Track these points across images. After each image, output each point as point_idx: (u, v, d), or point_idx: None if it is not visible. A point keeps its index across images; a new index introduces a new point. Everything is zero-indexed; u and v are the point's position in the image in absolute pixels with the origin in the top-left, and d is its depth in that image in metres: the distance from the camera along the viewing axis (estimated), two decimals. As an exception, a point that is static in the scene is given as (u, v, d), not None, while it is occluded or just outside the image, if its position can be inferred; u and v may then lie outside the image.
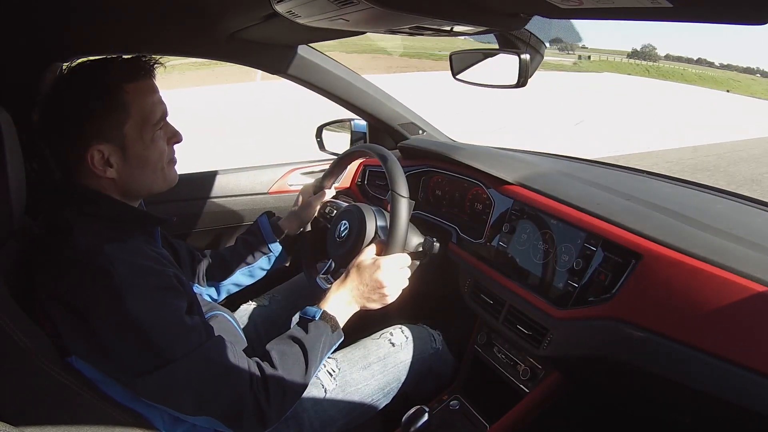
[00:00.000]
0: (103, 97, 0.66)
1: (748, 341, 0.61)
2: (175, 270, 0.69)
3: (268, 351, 0.72)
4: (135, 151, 0.69)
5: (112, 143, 0.67)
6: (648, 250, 0.71)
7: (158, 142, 0.72)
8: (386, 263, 0.81)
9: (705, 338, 0.63)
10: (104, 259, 0.59)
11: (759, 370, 0.58)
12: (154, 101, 0.70)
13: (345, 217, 1.00)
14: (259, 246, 1.04)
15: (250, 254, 1.03)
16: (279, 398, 0.67)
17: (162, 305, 0.62)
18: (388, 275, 0.80)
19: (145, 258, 0.64)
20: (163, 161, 0.73)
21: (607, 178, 1.05)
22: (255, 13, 0.82)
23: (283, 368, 0.69)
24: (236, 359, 0.66)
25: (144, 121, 0.69)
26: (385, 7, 0.56)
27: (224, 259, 1.03)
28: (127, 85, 0.67)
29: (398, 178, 0.87)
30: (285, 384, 0.68)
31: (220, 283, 1.02)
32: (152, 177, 0.72)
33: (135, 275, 0.61)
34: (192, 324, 0.64)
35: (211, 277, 1.01)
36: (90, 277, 0.59)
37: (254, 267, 1.04)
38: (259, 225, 1.06)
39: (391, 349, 0.95)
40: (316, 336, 0.74)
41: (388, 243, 0.84)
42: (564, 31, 45.53)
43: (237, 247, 1.05)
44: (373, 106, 1.36)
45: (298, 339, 0.73)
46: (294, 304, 1.08)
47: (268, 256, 1.05)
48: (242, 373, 0.65)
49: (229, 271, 1.02)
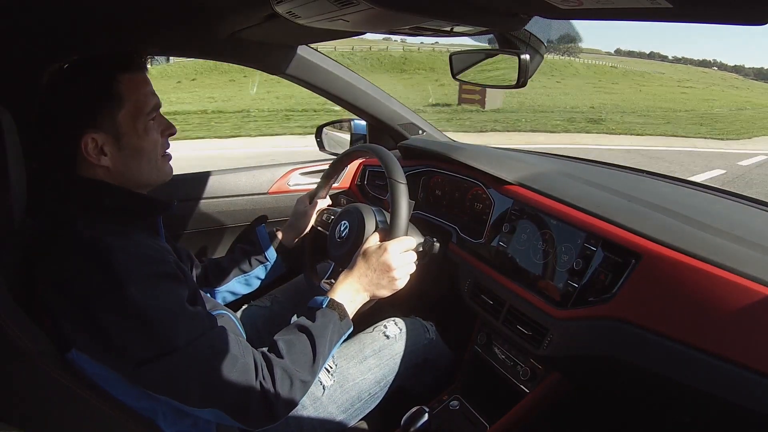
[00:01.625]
0: (96, 86, 0.67)
1: (748, 341, 0.61)
2: (177, 260, 0.69)
3: (275, 341, 0.70)
4: (129, 141, 0.70)
5: (106, 132, 0.68)
6: (648, 250, 0.71)
7: (152, 132, 0.72)
8: (392, 246, 0.80)
9: (705, 338, 0.63)
10: (104, 248, 0.60)
11: (759, 369, 0.58)
12: (146, 92, 0.72)
13: (345, 218, 1.00)
14: (256, 254, 1.04)
15: (246, 262, 1.04)
16: (287, 389, 0.65)
17: (163, 292, 0.62)
18: (395, 258, 0.79)
19: (146, 248, 0.64)
20: (157, 153, 0.74)
21: (607, 178, 1.05)
22: (255, 14, 0.82)
23: (290, 358, 0.67)
24: (242, 349, 0.65)
25: (137, 110, 0.70)
26: (385, 8, 0.56)
27: (221, 266, 1.03)
28: (120, 75, 0.69)
29: (393, 165, 0.87)
30: (292, 374, 0.66)
31: (215, 290, 1.01)
32: (147, 167, 0.73)
33: (135, 263, 0.61)
34: (194, 312, 0.64)
35: (206, 283, 1.01)
36: (91, 266, 0.59)
37: (250, 276, 1.04)
38: (257, 234, 1.07)
39: (386, 341, 0.95)
40: (323, 324, 0.72)
41: (391, 228, 0.83)
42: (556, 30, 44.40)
43: (234, 255, 1.05)
44: (373, 106, 1.36)
45: (305, 328, 0.71)
46: (295, 304, 1.08)
47: (264, 265, 1.05)
48: (248, 363, 0.64)
49: (224, 278, 1.02)
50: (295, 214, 1.11)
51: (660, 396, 0.74)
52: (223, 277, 1.02)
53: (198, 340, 0.61)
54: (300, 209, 1.11)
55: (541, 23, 0.69)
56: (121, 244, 0.61)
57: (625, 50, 72.46)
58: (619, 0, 0.42)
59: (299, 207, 1.11)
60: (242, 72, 16.67)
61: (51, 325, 0.60)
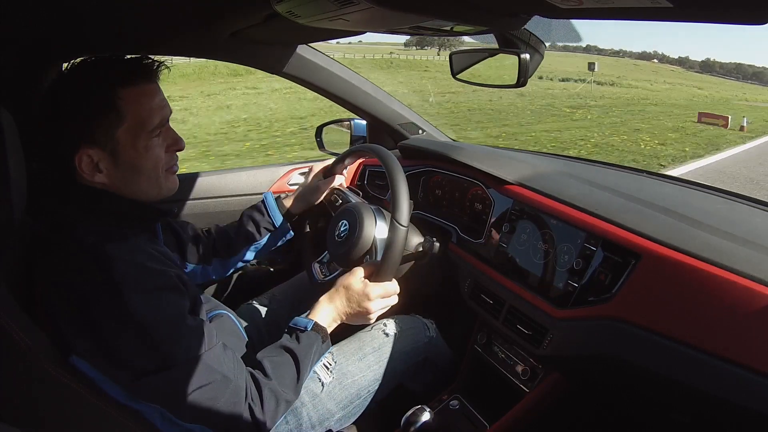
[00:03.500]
0: (94, 100, 0.64)
1: (748, 340, 0.61)
2: (177, 270, 0.69)
3: (260, 360, 0.72)
4: (127, 158, 0.67)
5: (102, 148, 0.65)
6: (647, 250, 0.71)
7: (154, 150, 0.69)
8: (375, 292, 0.82)
9: (705, 338, 0.63)
10: (106, 257, 0.59)
11: (758, 369, 0.58)
12: (152, 107, 0.68)
13: (344, 217, 1.00)
14: (265, 223, 1.05)
15: (255, 231, 1.04)
16: (272, 408, 0.68)
17: (163, 305, 0.62)
18: (374, 303, 0.82)
19: (147, 257, 0.64)
20: (159, 170, 0.71)
21: (607, 178, 1.05)
22: (255, 13, 0.82)
23: (276, 378, 0.70)
24: (235, 368, 0.67)
25: (139, 127, 0.67)
26: (385, 7, 0.56)
27: (228, 235, 1.04)
28: (122, 90, 0.65)
29: (402, 204, 0.85)
30: (278, 394, 0.69)
31: (225, 260, 1.03)
32: (146, 185, 0.70)
33: (136, 274, 0.61)
34: (194, 326, 0.65)
35: (215, 253, 1.02)
36: (91, 275, 0.59)
37: (259, 244, 1.05)
38: (265, 201, 1.07)
39: (386, 340, 0.95)
40: (307, 345, 0.76)
41: (380, 269, 0.84)
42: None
43: (242, 224, 1.05)
44: (373, 105, 1.36)
45: (290, 349, 0.74)
46: (294, 303, 1.08)
47: (273, 234, 1.06)
48: (240, 386, 0.66)
49: (233, 247, 1.03)
50: (306, 185, 1.11)
51: (660, 396, 0.74)
52: (232, 247, 1.03)
53: (196, 358, 0.62)
54: (312, 182, 1.10)
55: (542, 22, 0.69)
56: (122, 253, 0.61)
57: (560, 45, 67.73)
58: (619, 0, 0.42)
59: (312, 180, 1.11)
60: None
61: (51, 327, 0.60)
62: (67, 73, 0.68)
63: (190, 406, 0.62)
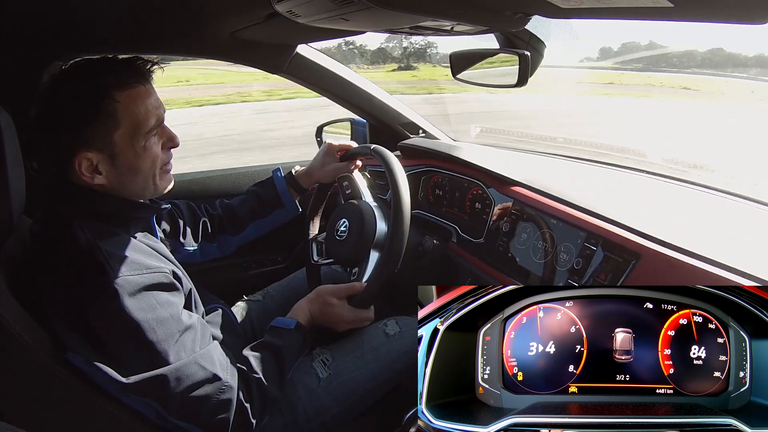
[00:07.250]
0: (91, 105, 0.64)
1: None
2: (173, 266, 0.70)
3: (247, 358, 0.73)
4: (125, 160, 0.67)
5: (101, 151, 0.66)
6: (647, 250, 0.71)
7: (151, 149, 0.70)
8: (349, 317, 0.87)
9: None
10: (101, 256, 0.60)
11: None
12: (147, 108, 0.68)
13: (344, 215, 1.00)
14: (272, 199, 1.03)
15: (261, 207, 1.03)
16: (259, 406, 0.69)
17: (157, 305, 0.62)
18: (346, 326, 0.88)
19: (143, 255, 0.65)
20: (156, 169, 0.71)
21: (607, 178, 1.05)
22: (255, 13, 0.82)
23: (264, 376, 0.71)
24: (228, 367, 0.68)
25: (135, 129, 0.67)
26: (385, 7, 0.56)
27: (235, 212, 1.02)
28: (118, 93, 0.65)
29: (399, 246, 0.84)
30: (265, 391, 0.70)
31: (232, 237, 1.02)
32: (143, 184, 0.71)
33: (130, 273, 0.61)
34: (188, 324, 0.65)
35: (222, 230, 1.01)
36: (87, 274, 0.60)
37: (266, 220, 1.03)
38: (274, 179, 1.04)
39: (385, 339, 0.95)
40: (291, 344, 0.78)
41: (361, 297, 0.87)
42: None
43: (248, 201, 1.03)
44: (373, 105, 1.36)
45: (276, 347, 0.76)
46: (288, 300, 1.07)
47: (281, 210, 1.03)
48: (231, 385, 0.66)
49: (240, 225, 1.02)
50: (320, 163, 1.05)
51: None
52: (239, 224, 1.02)
53: (188, 357, 0.63)
54: (327, 161, 1.05)
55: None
56: (117, 251, 0.61)
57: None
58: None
59: (326, 158, 1.05)
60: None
61: (48, 324, 0.61)
62: (62, 77, 0.67)
63: (182, 404, 0.62)
